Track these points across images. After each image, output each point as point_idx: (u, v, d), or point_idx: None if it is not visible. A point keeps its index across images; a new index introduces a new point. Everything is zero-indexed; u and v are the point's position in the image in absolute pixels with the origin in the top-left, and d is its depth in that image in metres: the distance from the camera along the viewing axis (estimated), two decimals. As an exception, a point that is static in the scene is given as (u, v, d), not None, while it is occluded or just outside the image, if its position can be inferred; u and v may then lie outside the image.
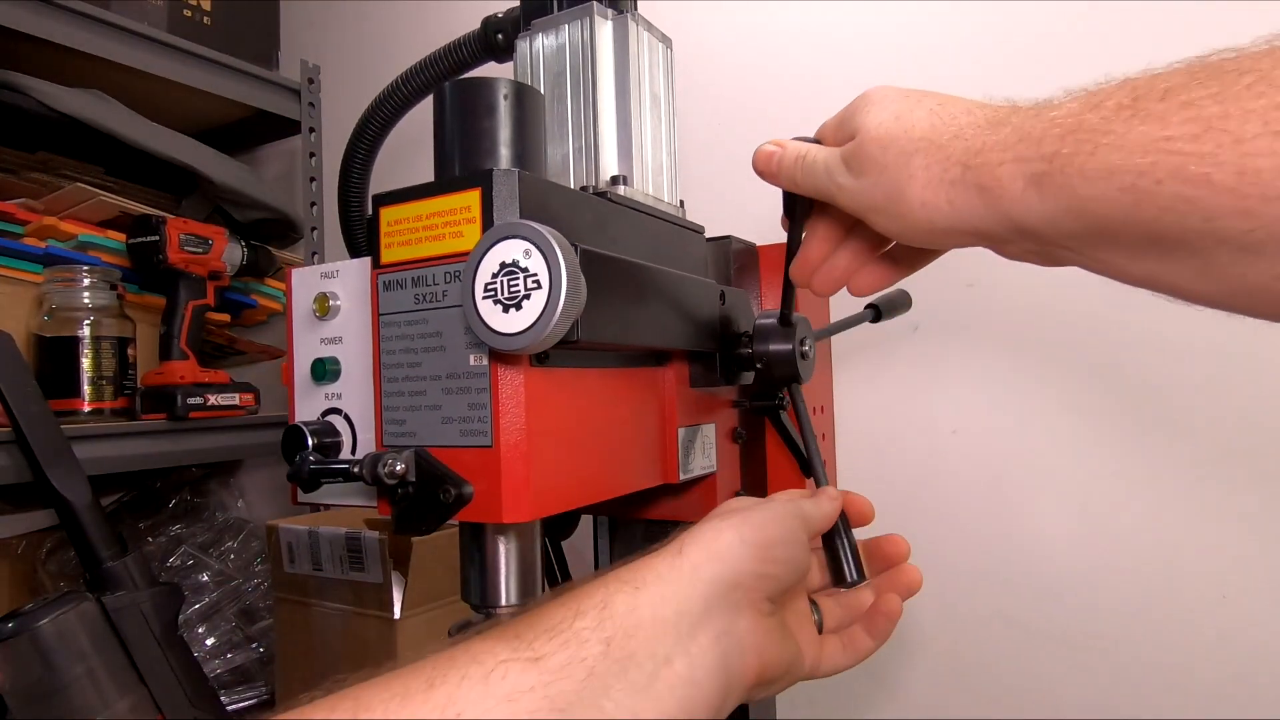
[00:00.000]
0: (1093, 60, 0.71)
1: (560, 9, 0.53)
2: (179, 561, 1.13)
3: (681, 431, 0.51)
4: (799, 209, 0.45)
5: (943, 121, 0.34)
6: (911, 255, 0.44)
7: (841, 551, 0.46)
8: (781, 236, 0.48)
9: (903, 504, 0.79)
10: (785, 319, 0.51)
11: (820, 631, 0.45)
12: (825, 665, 0.43)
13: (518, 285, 0.35)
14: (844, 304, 0.59)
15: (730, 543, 0.37)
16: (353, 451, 0.44)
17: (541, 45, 0.53)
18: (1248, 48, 0.26)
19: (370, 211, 0.42)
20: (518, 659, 0.30)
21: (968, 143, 0.33)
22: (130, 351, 0.95)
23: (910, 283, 0.49)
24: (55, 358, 0.89)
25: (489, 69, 0.54)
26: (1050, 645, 0.74)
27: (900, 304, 0.64)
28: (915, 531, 0.80)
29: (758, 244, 0.63)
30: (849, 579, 0.46)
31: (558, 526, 0.58)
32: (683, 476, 0.51)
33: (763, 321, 0.53)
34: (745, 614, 0.36)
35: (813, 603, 0.46)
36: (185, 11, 1.09)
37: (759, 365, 0.52)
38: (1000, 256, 0.36)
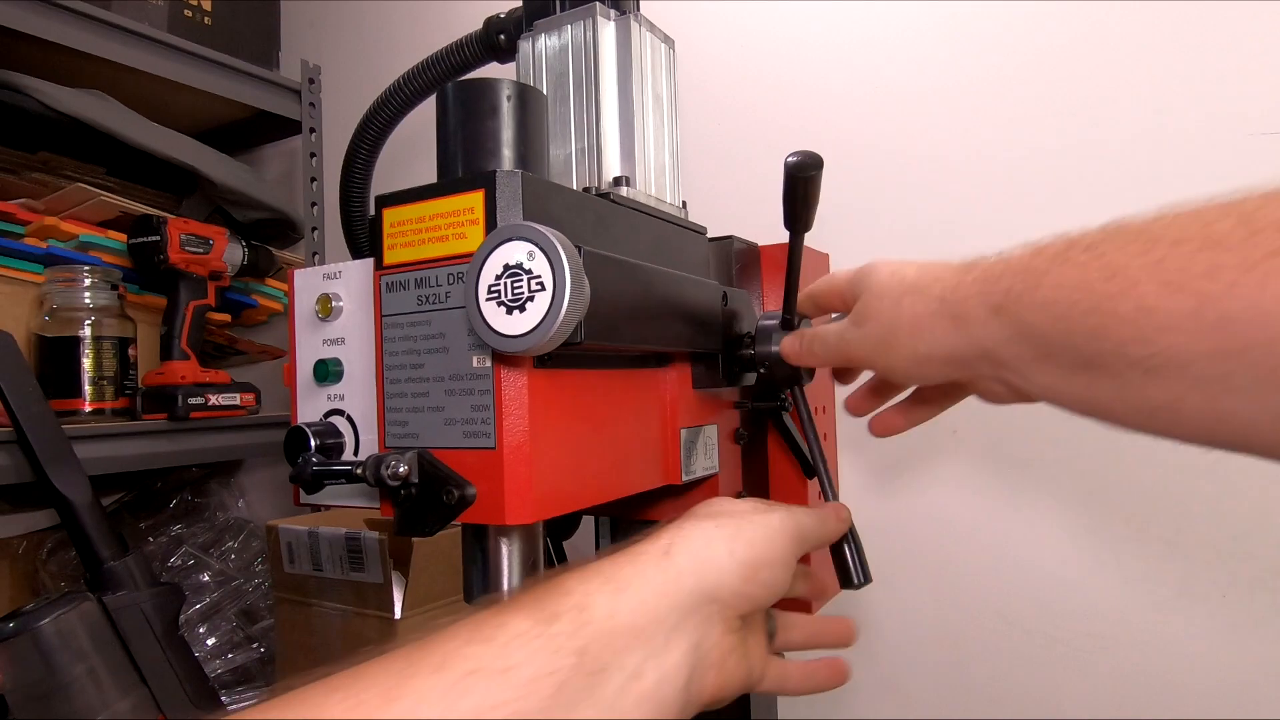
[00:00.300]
0: (1092, 66, 0.72)
1: (563, 9, 0.53)
2: (180, 561, 1.13)
3: (684, 433, 0.51)
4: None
5: (927, 272, 0.42)
6: (921, 405, 0.53)
7: (849, 556, 0.46)
8: (783, 235, 0.48)
9: (903, 504, 0.79)
10: (788, 323, 0.51)
11: (772, 638, 0.44)
12: (766, 684, 0.42)
13: (521, 287, 0.35)
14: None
15: (719, 555, 0.36)
16: (355, 453, 0.44)
17: (544, 46, 0.53)
18: (1149, 214, 0.32)
19: (373, 212, 0.42)
20: (485, 669, 0.28)
21: (945, 284, 0.40)
22: (131, 351, 0.95)
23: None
24: (56, 358, 0.89)
25: (491, 69, 0.54)
26: (1050, 645, 0.74)
27: None
28: (915, 531, 0.80)
29: (760, 244, 0.63)
30: (856, 582, 0.46)
31: (560, 526, 0.58)
32: (685, 478, 0.51)
33: (765, 322, 0.53)
34: (716, 628, 0.36)
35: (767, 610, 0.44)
36: (185, 11, 1.09)
37: (762, 369, 0.52)
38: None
